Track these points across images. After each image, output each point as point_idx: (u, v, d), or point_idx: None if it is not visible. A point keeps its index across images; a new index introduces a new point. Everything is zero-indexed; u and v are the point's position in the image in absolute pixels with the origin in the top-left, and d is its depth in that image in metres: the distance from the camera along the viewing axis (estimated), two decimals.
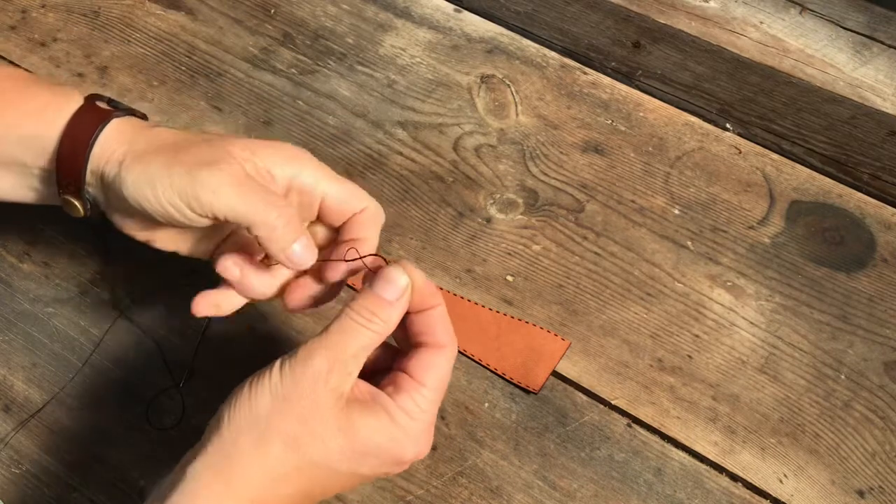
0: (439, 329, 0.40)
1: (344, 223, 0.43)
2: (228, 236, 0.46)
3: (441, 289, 0.55)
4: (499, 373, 0.52)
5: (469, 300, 0.55)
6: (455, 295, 0.55)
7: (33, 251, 0.55)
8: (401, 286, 0.38)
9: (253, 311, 0.54)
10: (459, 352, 0.51)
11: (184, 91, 0.64)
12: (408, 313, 0.40)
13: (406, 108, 0.65)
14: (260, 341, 0.53)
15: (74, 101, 0.42)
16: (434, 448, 0.49)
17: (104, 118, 0.41)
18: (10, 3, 0.68)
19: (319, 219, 0.44)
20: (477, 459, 0.49)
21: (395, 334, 0.40)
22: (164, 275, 0.54)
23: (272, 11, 0.70)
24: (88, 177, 0.42)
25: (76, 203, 0.43)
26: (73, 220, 0.45)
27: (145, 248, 0.45)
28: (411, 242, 0.57)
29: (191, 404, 0.50)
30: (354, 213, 0.43)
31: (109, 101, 0.44)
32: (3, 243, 0.56)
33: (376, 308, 0.38)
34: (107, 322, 0.53)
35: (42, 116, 0.42)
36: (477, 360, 0.52)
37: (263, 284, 0.43)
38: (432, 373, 0.39)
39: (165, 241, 0.44)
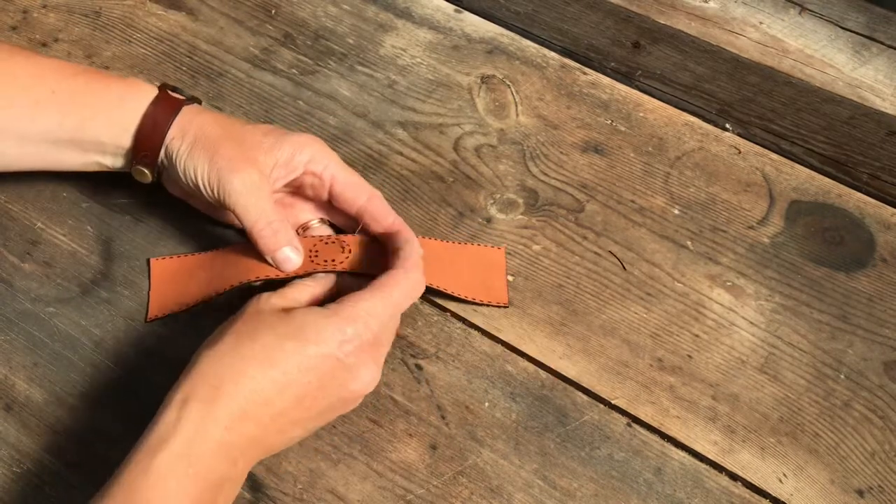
0: (401, 257, 0.49)
1: (359, 213, 0.52)
2: None
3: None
4: (469, 299, 0.54)
5: (426, 237, 0.57)
6: (422, 237, 0.56)
7: (34, 251, 0.56)
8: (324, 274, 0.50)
9: None
10: (433, 301, 0.55)
11: (184, 91, 0.64)
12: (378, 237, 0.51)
13: (406, 108, 0.65)
14: None
15: (149, 91, 0.52)
16: (434, 447, 0.49)
17: (176, 107, 0.51)
18: (11, 4, 0.68)
19: (335, 204, 0.53)
20: (477, 459, 0.49)
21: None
22: None
23: (273, 12, 0.70)
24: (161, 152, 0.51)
25: (147, 171, 0.52)
26: (74, 220, 0.48)
27: (146, 248, 0.48)
28: None
29: None
30: (364, 203, 0.52)
31: (174, 89, 0.53)
32: (5, 243, 0.56)
33: (311, 279, 0.50)
34: (108, 321, 0.53)
35: (123, 104, 0.51)
36: (450, 293, 0.54)
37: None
38: (384, 281, 0.47)
39: (198, 203, 0.55)
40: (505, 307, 0.55)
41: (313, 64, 0.67)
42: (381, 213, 0.52)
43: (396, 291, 0.47)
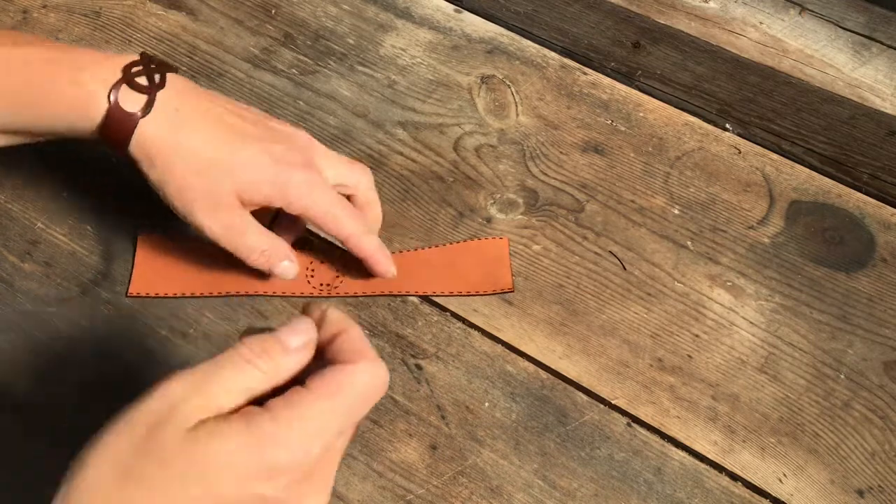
0: (346, 349, 0.35)
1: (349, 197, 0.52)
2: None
3: (396, 252, 0.57)
4: (472, 293, 0.55)
5: (415, 249, 0.57)
6: (403, 251, 0.57)
7: (35, 251, 0.56)
8: (303, 339, 0.35)
9: (253, 313, 0.54)
10: (433, 300, 0.55)
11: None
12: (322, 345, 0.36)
13: (406, 108, 0.65)
14: None
15: (101, 100, 0.46)
16: (434, 447, 0.49)
17: (130, 127, 0.47)
18: (11, 4, 0.68)
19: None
20: (477, 459, 0.49)
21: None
22: None
23: (273, 12, 0.70)
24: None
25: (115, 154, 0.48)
26: (74, 220, 0.47)
27: None
28: (411, 242, 0.57)
29: None
30: (355, 189, 0.53)
31: (147, 61, 0.48)
32: (5, 243, 0.56)
33: (272, 350, 0.34)
34: (108, 321, 0.53)
35: (73, 109, 0.47)
36: (448, 293, 0.55)
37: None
38: (325, 381, 0.33)
39: None
40: (511, 292, 0.55)
41: (313, 64, 0.67)
42: (358, 250, 0.52)
43: (352, 393, 0.33)
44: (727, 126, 0.66)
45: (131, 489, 0.31)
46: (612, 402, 0.52)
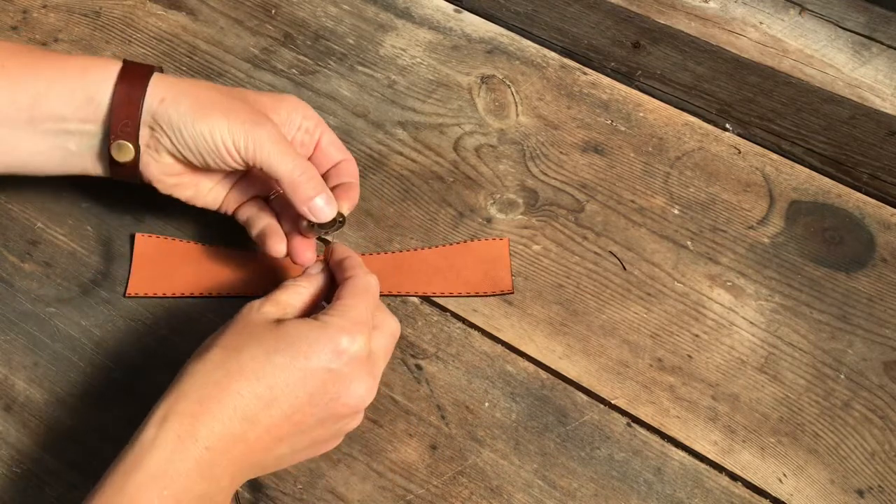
0: (347, 266, 0.47)
1: (331, 170, 0.53)
2: (231, 188, 0.54)
3: (394, 252, 0.57)
4: (472, 294, 0.55)
5: (415, 249, 0.57)
6: (400, 251, 0.57)
7: (35, 251, 0.56)
8: (319, 268, 0.48)
9: None
10: (433, 300, 0.55)
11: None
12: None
13: (406, 108, 0.65)
14: None
15: (114, 63, 0.49)
16: (434, 447, 0.49)
17: (147, 72, 0.48)
18: (11, 4, 0.68)
19: (314, 160, 0.53)
20: (477, 459, 0.49)
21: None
22: None
23: (273, 12, 0.70)
24: (143, 116, 0.48)
25: (129, 145, 0.48)
26: (74, 220, 0.47)
27: None
28: (412, 242, 0.57)
29: None
30: (338, 162, 0.53)
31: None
32: (5, 243, 0.56)
33: (306, 279, 0.48)
34: (108, 321, 0.53)
35: (86, 74, 0.48)
36: (448, 294, 0.55)
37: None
38: (349, 289, 0.45)
39: (184, 190, 0.52)
40: (511, 293, 0.55)
41: (313, 64, 0.67)
42: (349, 171, 0.54)
43: (366, 290, 0.45)
44: (727, 126, 0.66)
45: (232, 358, 0.41)
46: (612, 402, 0.52)
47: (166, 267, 0.55)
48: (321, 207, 0.49)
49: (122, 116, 0.47)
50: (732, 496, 0.49)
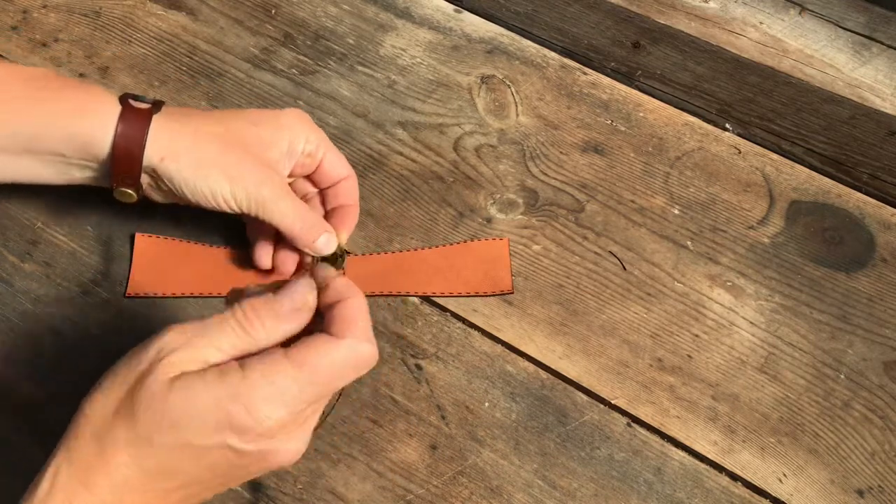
0: (339, 319, 0.37)
1: (329, 189, 0.54)
2: None
3: (392, 252, 0.57)
4: (472, 294, 0.55)
5: (415, 249, 0.57)
6: (400, 251, 0.57)
7: (34, 251, 0.56)
8: (296, 305, 0.37)
9: None
10: (433, 300, 0.55)
11: (185, 91, 0.64)
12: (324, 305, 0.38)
13: (406, 108, 0.65)
14: None
15: (110, 103, 0.48)
16: (434, 447, 0.49)
17: (146, 119, 0.47)
18: (11, 4, 0.68)
19: (312, 178, 0.54)
20: (477, 459, 0.49)
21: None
22: None
23: (273, 12, 0.70)
24: (144, 167, 0.48)
25: (131, 192, 0.50)
26: (74, 220, 0.48)
27: None
28: (412, 242, 0.57)
29: None
30: (339, 181, 0.54)
31: (135, 98, 0.49)
32: (5, 243, 0.56)
33: (263, 316, 0.37)
34: (108, 322, 0.53)
35: (84, 117, 0.47)
36: (448, 294, 0.55)
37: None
38: (302, 351, 0.35)
39: (186, 203, 0.51)
40: (510, 293, 0.55)
41: (313, 64, 0.67)
42: (348, 192, 0.54)
43: (326, 368, 0.36)
44: (727, 126, 0.66)
45: (119, 425, 0.35)
46: (612, 402, 0.52)
47: (166, 267, 0.55)
48: (320, 247, 0.51)
49: (123, 170, 0.48)
50: (732, 496, 0.49)
